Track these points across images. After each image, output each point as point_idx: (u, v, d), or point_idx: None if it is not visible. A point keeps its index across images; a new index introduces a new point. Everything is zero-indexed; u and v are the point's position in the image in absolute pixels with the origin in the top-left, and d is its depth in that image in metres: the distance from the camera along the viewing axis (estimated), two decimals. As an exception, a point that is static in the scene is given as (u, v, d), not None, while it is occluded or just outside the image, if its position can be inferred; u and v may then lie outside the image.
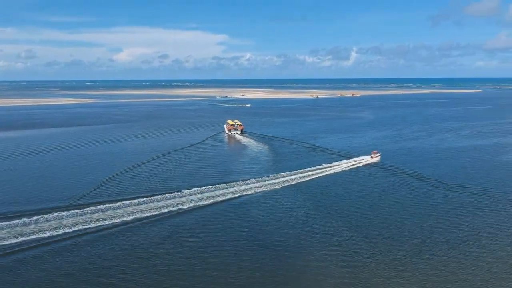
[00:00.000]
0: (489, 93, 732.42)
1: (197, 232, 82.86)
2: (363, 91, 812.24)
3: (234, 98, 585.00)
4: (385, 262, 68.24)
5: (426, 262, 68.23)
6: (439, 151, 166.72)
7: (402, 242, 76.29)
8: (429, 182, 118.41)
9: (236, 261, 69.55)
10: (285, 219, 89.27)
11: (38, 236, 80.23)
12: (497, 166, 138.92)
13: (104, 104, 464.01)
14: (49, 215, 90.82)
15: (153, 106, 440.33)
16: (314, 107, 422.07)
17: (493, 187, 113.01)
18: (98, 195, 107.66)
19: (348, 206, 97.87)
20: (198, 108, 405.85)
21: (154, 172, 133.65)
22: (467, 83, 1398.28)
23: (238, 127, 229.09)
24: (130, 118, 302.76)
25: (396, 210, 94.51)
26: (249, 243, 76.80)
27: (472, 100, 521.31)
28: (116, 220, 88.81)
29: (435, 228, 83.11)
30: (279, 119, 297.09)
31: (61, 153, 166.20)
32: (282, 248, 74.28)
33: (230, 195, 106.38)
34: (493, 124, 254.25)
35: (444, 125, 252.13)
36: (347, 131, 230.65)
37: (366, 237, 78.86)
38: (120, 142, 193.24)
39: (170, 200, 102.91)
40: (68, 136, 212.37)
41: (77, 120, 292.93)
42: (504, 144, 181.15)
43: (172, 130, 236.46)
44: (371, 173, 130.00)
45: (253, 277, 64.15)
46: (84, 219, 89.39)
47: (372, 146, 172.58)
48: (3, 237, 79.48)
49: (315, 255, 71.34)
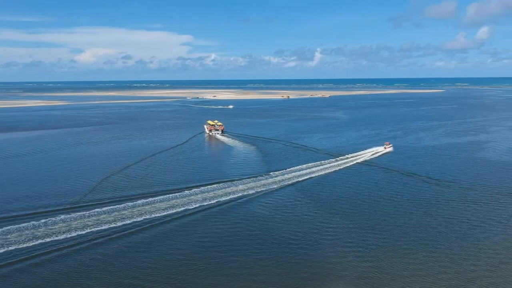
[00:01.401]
0: (452, 92, 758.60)
1: (208, 232, 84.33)
2: (331, 91, 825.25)
3: (206, 99, 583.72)
4: (395, 255, 71.97)
5: (433, 252, 72.54)
6: (418, 149, 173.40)
7: (407, 235, 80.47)
8: (419, 178, 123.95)
9: (254, 259, 71.59)
10: (294, 217, 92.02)
11: (52, 239, 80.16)
12: (476, 162, 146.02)
13: (75, 106, 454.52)
14: (56, 217, 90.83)
15: (125, 108, 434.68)
16: (288, 107, 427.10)
17: (479, 182, 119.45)
18: (94, 197, 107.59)
19: (349, 202, 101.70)
20: (172, 110, 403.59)
21: (148, 173, 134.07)
22: (429, 83, 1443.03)
23: (219, 127, 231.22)
24: (107, 121, 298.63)
25: (394, 205, 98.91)
26: (263, 241, 78.95)
27: (437, 99, 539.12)
28: (127, 221, 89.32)
29: (435, 221, 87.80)
30: (257, 120, 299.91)
31: (46, 157, 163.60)
32: (295, 245, 76.98)
33: (233, 195, 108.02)
34: (463, 123, 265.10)
35: (417, 125, 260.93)
36: (329, 130, 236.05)
37: (373, 232, 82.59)
38: (104, 145, 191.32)
39: (173, 200, 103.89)
40: (49, 139, 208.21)
41: (52, 122, 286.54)
42: (478, 142, 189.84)
43: (153, 132, 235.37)
44: (362, 171, 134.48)
45: (273, 274, 66.37)
46: (92, 221, 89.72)
47: (356, 145, 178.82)
48: (18, 241, 79.05)
49: (329, 250, 74.40)
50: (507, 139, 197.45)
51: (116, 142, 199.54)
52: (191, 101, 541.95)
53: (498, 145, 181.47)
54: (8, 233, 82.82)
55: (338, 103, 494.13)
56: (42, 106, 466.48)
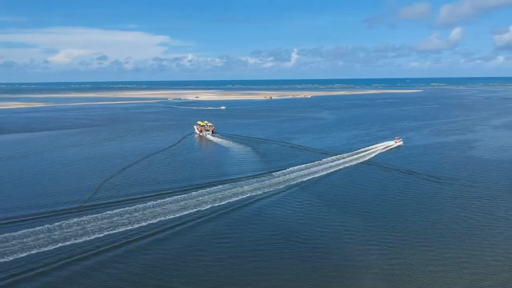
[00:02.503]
0: (430, 92, 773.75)
1: (227, 233, 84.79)
2: (312, 92, 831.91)
3: (189, 100, 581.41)
4: (415, 252, 73.86)
5: (450, 247, 75.04)
6: (411, 148, 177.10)
7: (422, 232, 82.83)
8: (420, 176, 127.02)
9: (280, 258, 72.35)
10: (308, 216, 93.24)
11: (71, 242, 79.56)
12: (471, 160, 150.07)
13: (56, 108, 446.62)
14: (69, 220, 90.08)
15: (109, 109, 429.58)
16: (273, 108, 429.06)
17: (478, 179, 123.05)
18: (101, 199, 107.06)
19: (358, 200, 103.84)
20: (157, 111, 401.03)
21: (148, 174, 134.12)
22: (405, 83, 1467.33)
23: (209, 128, 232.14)
24: (94, 122, 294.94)
25: (403, 203, 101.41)
26: (285, 241, 79.75)
27: (417, 99, 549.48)
28: (142, 224, 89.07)
29: (445, 217, 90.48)
30: (244, 120, 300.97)
31: (42, 159, 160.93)
32: (316, 245, 78.35)
33: (242, 195, 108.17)
34: (448, 123, 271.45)
35: (404, 124, 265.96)
36: (321, 130, 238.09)
37: (389, 230, 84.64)
38: (97, 147, 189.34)
39: (183, 202, 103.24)
40: (39, 142, 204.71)
41: (37, 125, 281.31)
42: (467, 141, 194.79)
43: (143, 133, 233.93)
44: (364, 170, 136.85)
45: (301, 272, 67.48)
46: (106, 224, 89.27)
47: (349, 145, 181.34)
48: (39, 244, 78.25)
49: (351, 248, 75.87)
50: (494, 138, 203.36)
51: (109, 144, 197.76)
52: (174, 102, 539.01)
53: (487, 143, 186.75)
54: (24, 236, 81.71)
55: (321, 103, 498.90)
56: (22, 108, 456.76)
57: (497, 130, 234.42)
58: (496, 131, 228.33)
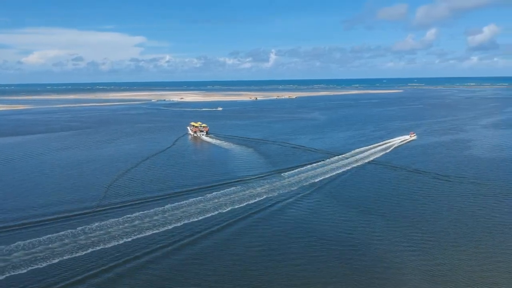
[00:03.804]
0: (411, 92, 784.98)
1: (254, 236, 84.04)
2: (294, 92, 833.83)
3: (173, 102, 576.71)
4: (449, 251, 75.00)
5: (479, 246, 76.33)
6: (410, 148, 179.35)
7: (448, 231, 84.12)
8: (427, 175, 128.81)
9: (316, 261, 72.44)
10: (331, 217, 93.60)
11: (100, 247, 78.08)
12: (473, 159, 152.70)
13: (41, 110, 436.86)
14: (91, 225, 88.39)
15: (96, 111, 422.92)
16: (261, 109, 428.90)
17: (485, 177, 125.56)
18: (115, 201, 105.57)
19: (374, 200, 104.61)
20: (145, 113, 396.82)
21: (156, 176, 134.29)
22: (383, 84, 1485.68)
23: (203, 128, 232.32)
24: (83, 125, 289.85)
25: (420, 202, 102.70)
26: (315, 243, 79.79)
27: (401, 100, 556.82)
28: (168, 227, 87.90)
29: (464, 216, 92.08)
30: (236, 121, 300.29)
31: (41, 162, 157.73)
32: (347, 246, 78.65)
33: (258, 197, 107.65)
34: (438, 123, 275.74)
35: (395, 124, 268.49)
36: (317, 131, 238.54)
37: (415, 229, 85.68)
38: (95, 149, 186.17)
39: (200, 204, 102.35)
40: (35, 145, 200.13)
41: (28, 128, 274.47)
42: (462, 140, 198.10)
43: (137, 135, 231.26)
44: (371, 169, 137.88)
45: (339, 274, 67.78)
46: (129, 227, 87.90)
47: (349, 145, 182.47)
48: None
49: (383, 249, 76.48)
50: (488, 137, 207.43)
51: (106, 146, 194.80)
52: (159, 104, 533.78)
53: (482, 143, 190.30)
54: (50, 242, 79.84)
55: (308, 104, 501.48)
56: (6, 110, 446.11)
57: (489, 129, 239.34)
58: (488, 131, 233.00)
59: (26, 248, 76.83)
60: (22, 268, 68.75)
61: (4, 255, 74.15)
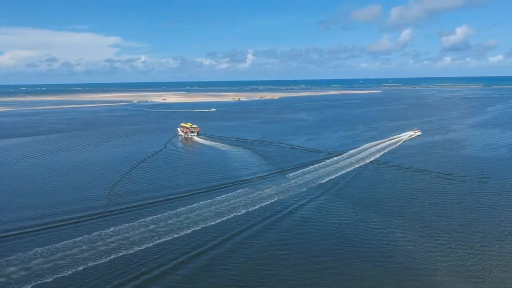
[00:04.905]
0: (390, 93, 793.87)
1: (278, 240, 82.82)
2: (276, 93, 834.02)
3: (156, 103, 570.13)
4: (478, 252, 75.44)
5: (504, 245, 77.33)
6: (406, 148, 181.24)
7: (469, 232, 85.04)
8: (430, 174, 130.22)
9: (346, 264, 72.10)
10: (350, 219, 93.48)
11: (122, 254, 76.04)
12: (469, 158, 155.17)
13: (21, 113, 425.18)
14: (107, 230, 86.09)
15: (79, 113, 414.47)
16: (247, 110, 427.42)
17: (488, 176, 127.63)
18: (127, 205, 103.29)
19: (386, 200, 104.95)
20: (129, 115, 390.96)
21: (157, 177, 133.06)
22: (360, 84, 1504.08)
23: (194, 129, 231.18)
24: (70, 127, 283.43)
25: (432, 202, 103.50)
26: (340, 245, 79.37)
27: (382, 100, 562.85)
28: (187, 231, 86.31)
29: (478, 215, 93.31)
30: (224, 122, 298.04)
31: (37, 166, 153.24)
32: (373, 248, 78.53)
33: (270, 199, 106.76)
34: (426, 122, 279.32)
35: (385, 125, 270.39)
36: (310, 132, 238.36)
37: (437, 231, 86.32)
38: (88, 152, 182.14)
39: (213, 207, 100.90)
40: (25, 148, 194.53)
41: (12, 130, 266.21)
42: (454, 140, 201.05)
43: (128, 137, 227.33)
44: (377, 169, 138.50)
45: (371, 276, 67.62)
46: (148, 232, 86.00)
47: (345, 145, 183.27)
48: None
49: (410, 250, 76.69)
50: (479, 137, 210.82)
51: (99, 149, 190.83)
52: (142, 105, 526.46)
53: (474, 142, 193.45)
54: (68, 248, 77.40)
55: (292, 104, 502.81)
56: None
57: (477, 129, 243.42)
58: (477, 130, 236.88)
59: (45, 255, 74.29)
60: (47, 277, 66.29)
61: (24, 262, 71.56)
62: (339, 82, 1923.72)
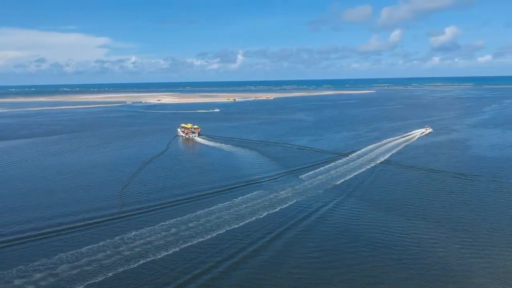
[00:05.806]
0: (384, 93, 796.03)
1: (303, 243, 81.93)
2: (270, 93, 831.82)
3: (152, 104, 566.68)
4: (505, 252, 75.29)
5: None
6: (413, 148, 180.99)
7: (491, 231, 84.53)
8: (445, 174, 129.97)
9: (371, 266, 71.27)
10: (371, 220, 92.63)
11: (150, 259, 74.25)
12: (478, 158, 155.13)
13: (15, 114, 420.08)
14: (128, 234, 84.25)
15: (75, 114, 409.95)
16: (244, 110, 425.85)
17: (498, 175, 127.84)
18: (140, 206, 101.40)
19: (404, 201, 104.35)
20: (125, 115, 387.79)
21: (168, 179, 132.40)
22: (352, 84, 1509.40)
23: (195, 130, 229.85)
24: (67, 129, 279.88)
25: (451, 204, 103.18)
26: (366, 247, 78.55)
27: (377, 100, 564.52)
28: (212, 234, 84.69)
29: (496, 213, 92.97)
30: (224, 123, 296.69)
31: (44, 168, 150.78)
32: (399, 250, 77.71)
33: (289, 201, 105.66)
34: (427, 123, 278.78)
35: (384, 125, 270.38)
36: (313, 132, 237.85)
37: (465, 232, 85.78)
38: (92, 154, 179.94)
39: (232, 209, 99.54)
40: (25, 150, 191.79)
41: (9, 132, 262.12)
42: (458, 140, 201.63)
43: (128, 139, 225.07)
44: (389, 170, 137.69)
45: (399, 278, 66.76)
46: (171, 235, 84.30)
47: (351, 146, 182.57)
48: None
49: (437, 251, 76.01)
50: (481, 137, 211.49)
51: (101, 151, 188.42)
52: (137, 106, 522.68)
53: (478, 142, 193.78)
54: (92, 253, 75.42)
55: (288, 105, 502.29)
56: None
57: (477, 128, 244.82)
58: (478, 130, 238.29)
59: (71, 261, 72.48)
60: (78, 284, 64.44)
61: (50, 269, 69.59)
62: (330, 82, 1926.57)
